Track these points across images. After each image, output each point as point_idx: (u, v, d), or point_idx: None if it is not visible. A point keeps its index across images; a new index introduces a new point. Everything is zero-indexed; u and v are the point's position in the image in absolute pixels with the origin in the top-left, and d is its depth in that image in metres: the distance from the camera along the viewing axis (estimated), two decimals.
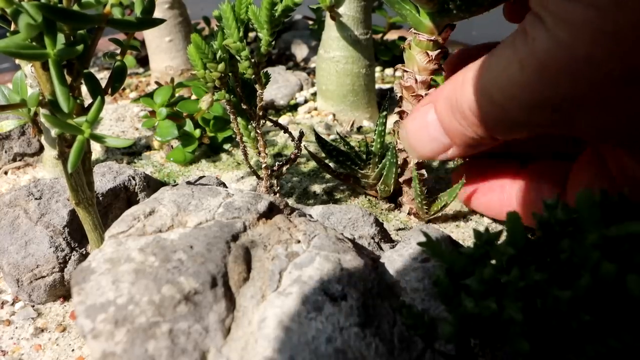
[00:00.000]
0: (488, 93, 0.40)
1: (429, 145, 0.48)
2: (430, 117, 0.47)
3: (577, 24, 0.32)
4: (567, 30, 0.33)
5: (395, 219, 0.63)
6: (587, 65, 0.33)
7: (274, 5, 0.45)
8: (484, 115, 0.42)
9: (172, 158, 0.76)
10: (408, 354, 0.34)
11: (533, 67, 0.35)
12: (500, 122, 0.41)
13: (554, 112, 0.36)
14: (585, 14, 0.31)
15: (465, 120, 0.44)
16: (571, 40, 0.33)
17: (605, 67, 0.32)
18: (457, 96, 0.44)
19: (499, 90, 0.39)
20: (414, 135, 0.50)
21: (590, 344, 0.24)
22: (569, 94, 0.35)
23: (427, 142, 0.48)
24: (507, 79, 0.38)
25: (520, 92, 0.37)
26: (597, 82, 0.33)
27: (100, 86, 0.38)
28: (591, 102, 0.35)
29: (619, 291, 0.23)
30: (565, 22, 0.33)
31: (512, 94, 0.38)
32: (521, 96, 0.37)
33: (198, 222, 0.39)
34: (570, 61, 0.33)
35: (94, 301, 0.32)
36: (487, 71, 0.40)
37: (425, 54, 0.52)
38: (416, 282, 0.38)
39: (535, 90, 0.36)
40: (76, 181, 0.41)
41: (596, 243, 0.25)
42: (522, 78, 0.36)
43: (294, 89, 0.97)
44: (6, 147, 0.76)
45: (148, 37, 0.97)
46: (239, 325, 0.33)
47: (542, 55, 0.35)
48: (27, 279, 0.50)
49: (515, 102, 0.38)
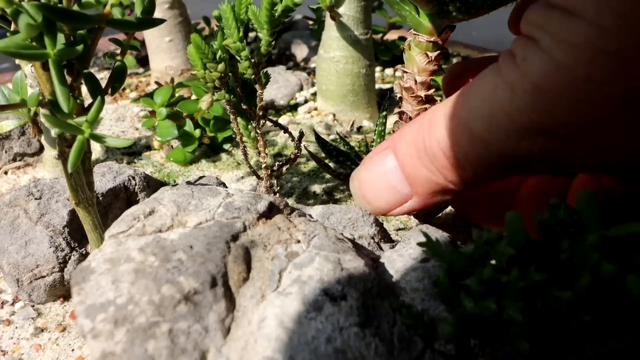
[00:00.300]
0: (467, 127, 0.37)
1: (385, 196, 0.44)
2: (389, 164, 0.43)
3: (578, 43, 0.30)
4: (566, 50, 0.31)
5: (395, 219, 0.63)
6: (586, 87, 0.31)
7: (274, 5, 0.45)
8: (460, 154, 0.38)
9: (172, 158, 0.76)
10: (408, 354, 0.34)
11: (526, 91, 0.33)
12: (482, 159, 0.37)
13: (547, 139, 0.34)
14: (588, 32, 0.30)
15: (434, 163, 0.40)
16: (570, 61, 0.31)
17: (605, 88, 0.31)
18: (424, 137, 0.40)
19: (481, 121, 0.36)
20: (368, 185, 0.45)
21: (590, 344, 0.24)
22: (565, 117, 0.33)
23: (384, 192, 0.44)
24: (491, 107, 0.35)
25: (508, 120, 0.34)
26: (595, 104, 0.31)
27: (100, 86, 0.38)
28: (587, 126, 0.33)
29: (619, 291, 0.23)
30: (564, 43, 0.31)
31: (497, 122, 0.35)
32: (509, 124, 0.34)
33: (198, 222, 0.39)
34: (567, 83, 0.31)
35: (93, 301, 0.32)
36: (465, 104, 0.37)
37: (425, 55, 0.52)
38: (416, 282, 0.38)
39: (526, 116, 0.34)
40: (76, 181, 0.41)
41: (596, 243, 0.25)
42: (512, 103, 0.34)
43: (294, 89, 0.97)
44: (6, 147, 0.76)
45: (148, 37, 0.97)
46: (238, 325, 0.33)
47: (537, 78, 0.32)
48: (27, 278, 0.50)
49: (501, 131, 0.35)
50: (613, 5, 0.29)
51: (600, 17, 0.29)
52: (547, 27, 0.32)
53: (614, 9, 0.29)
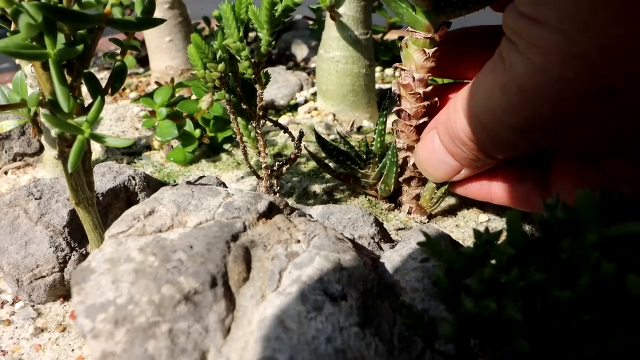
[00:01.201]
0: (478, 118, 0.42)
1: (441, 169, 0.51)
2: (436, 143, 0.50)
3: (547, 47, 0.33)
4: (539, 54, 0.34)
5: (395, 219, 0.63)
6: (561, 86, 0.34)
7: (274, 5, 0.45)
8: (478, 139, 0.44)
9: (172, 158, 0.76)
10: (408, 354, 0.34)
11: (514, 92, 0.37)
12: (495, 144, 0.44)
13: (541, 132, 0.38)
14: (554, 38, 0.33)
15: (464, 145, 0.46)
16: (544, 63, 0.34)
17: (578, 87, 0.33)
18: (451, 123, 0.46)
19: (487, 115, 0.41)
20: (426, 162, 0.53)
21: (590, 344, 0.24)
22: (549, 114, 0.36)
23: (439, 166, 0.51)
24: (492, 105, 0.40)
25: (506, 117, 0.39)
26: (573, 101, 0.35)
27: (101, 86, 0.38)
28: (572, 120, 0.36)
29: (618, 291, 0.23)
30: (536, 46, 0.34)
31: (499, 118, 0.40)
32: (507, 120, 0.39)
33: (198, 222, 0.39)
34: (546, 83, 0.35)
35: (93, 301, 0.32)
36: (474, 97, 0.42)
37: (422, 52, 0.52)
38: (416, 282, 0.38)
39: (518, 114, 0.38)
40: (76, 181, 0.41)
41: (596, 243, 0.25)
42: (505, 103, 0.38)
43: (294, 89, 0.97)
44: (6, 147, 0.76)
45: (148, 37, 0.97)
46: (238, 325, 0.33)
47: (520, 80, 0.36)
48: (27, 279, 0.50)
49: (503, 126, 0.40)
50: (572, 14, 0.31)
51: (562, 24, 0.32)
52: (521, 32, 0.35)
53: (573, 16, 0.31)
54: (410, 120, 0.55)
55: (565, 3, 0.32)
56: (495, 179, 0.53)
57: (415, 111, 0.55)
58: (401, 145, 0.58)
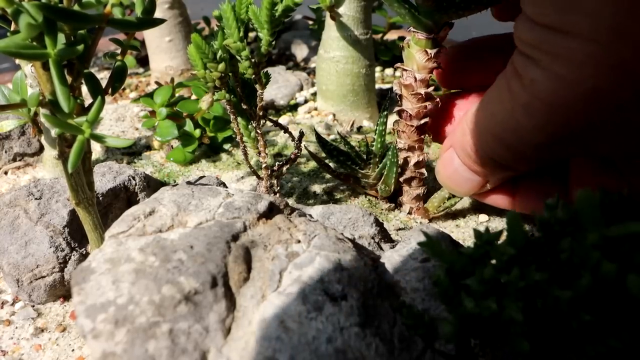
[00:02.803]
0: (500, 139, 0.41)
1: (466, 186, 0.50)
2: (456, 162, 0.50)
3: (578, 59, 0.32)
4: (567, 66, 0.32)
5: (395, 219, 0.63)
6: (595, 98, 0.33)
7: (274, 5, 0.45)
8: (501, 157, 0.42)
9: (172, 158, 0.76)
10: (408, 354, 0.34)
11: (539, 110, 0.35)
12: (519, 161, 0.42)
13: (571, 144, 0.37)
14: (586, 48, 0.31)
15: (485, 164, 0.45)
16: (574, 76, 0.32)
17: (614, 97, 0.32)
18: (469, 143, 0.45)
19: (511, 135, 0.39)
20: (450, 181, 0.52)
21: (590, 344, 0.24)
22: (579, 127, 0.35)
23: (464, 184, 0.50)
24: (515, 125, 0.38)
25: (532, 136, 0.37)
26: (607, 111, 0.33)
27: (101, 86, 0.38)
28: (604, 129, 0.35)
29: (619, 291, 0.23)
30: (564, 59, 0.33)
31: (524, 138, 0.38)
32: (533, 139, 0.38)
33: (198, 222, 0.39)
34: (577, 96, 0.33)
35: (94, 301, 0.32)
36: (492, 117, 0.41)
37: (424, 52, 0.52)
38: (416, 282, 0.38)
39: (545, 131, 0.36)
40: (76, 181, 0.41)
41: (596, 243, 0.25)
42: (530, 122, 0.37)
43: (294, 89, 0.97)
44: (6, 147, 0.76)
45: (148, 37, 0.97)
46: (239, 325, 0.33)
47: (546, 96, 0.34)
48: (27, 279, 0.50)
49: (529, 144, 0.38)
50: (607, 23, 0.30)
51: (596, 34, 0.31)
52: (545, 47, 0.34)
53: (608, 26, 0.30)
54: (412, 121, 0.56)
55: (598, 11, 0.30)
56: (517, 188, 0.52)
57: (416, 112, 0.55)
58: (402, 146, 0.58)
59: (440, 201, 0.61)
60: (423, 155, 0.58)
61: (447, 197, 0.60)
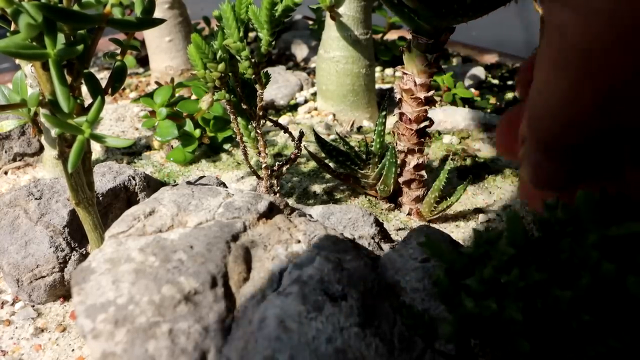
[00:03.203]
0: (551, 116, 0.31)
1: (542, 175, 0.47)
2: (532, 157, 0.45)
3: None
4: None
5: (395, 219, 0.63)
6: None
7: (274, 5, 0.45)
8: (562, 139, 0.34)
9: (172, 158, 0.76)
10: (408, 354, 0.34)
11: (572, 63, 0.24)
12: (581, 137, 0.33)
13: (620, 102, 0.27)
14: None
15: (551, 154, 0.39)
16: (611, 4, 0.26)
17: None
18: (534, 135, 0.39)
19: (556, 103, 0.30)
20: None
21: (590, 344, 0.24)
22: (624, 75, 0.26)
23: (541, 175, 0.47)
24: (555, 89, 0.28)
25: (575, 99, 0.27)
26: None
27: (101, 86, 0.38)
28: None
29: (619, 291, 0.23)
30: None
31: (566, 105, 0.29)
32: (578, 101, 0.27)
33: (198, 222, 0.39)
34: (617, 32, 0.23)
35: (94, 301, 0.32)
36: (539, 96, 0.34)
37: (424, 57, 0.52)
38: (416, 282, 0.38)
39: (586, 88, 0.26)
40: (76, 181, 0.41)
41: (596, 243, 0.25)
42: (566, 81, 0.26)
43: (294, 89, 0.97)
44: (6, 147, 0.76)
45: (148, 37, 0.97)
46: (239, 325, 0.33)
47: (579, 40, 0.24)
48: (27, 279, 0.50)
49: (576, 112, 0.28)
50: None
51: None
52: None
53: None
54: (411, 124, 0.56)
55: None
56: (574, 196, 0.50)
57: (416, 115, 0.55)
58: (402, 148, 0.58)
59: (430, 206, 0.61)
60: (423, 157, 0.58)
61: (436, 202, 0.60)
